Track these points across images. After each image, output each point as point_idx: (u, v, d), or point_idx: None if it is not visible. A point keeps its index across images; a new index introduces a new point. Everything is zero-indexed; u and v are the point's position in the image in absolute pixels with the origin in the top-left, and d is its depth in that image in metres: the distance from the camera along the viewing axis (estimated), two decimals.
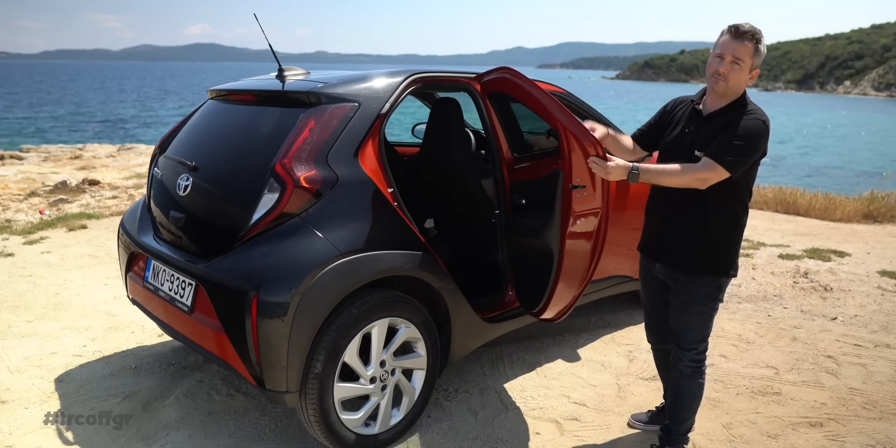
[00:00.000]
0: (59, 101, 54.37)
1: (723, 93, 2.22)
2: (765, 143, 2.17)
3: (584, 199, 2.64)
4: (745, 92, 2.25)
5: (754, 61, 2.17)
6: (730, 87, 2.20)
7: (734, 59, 2.15)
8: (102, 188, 9.25)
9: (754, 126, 2.14)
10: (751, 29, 2.14)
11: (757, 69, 2.21)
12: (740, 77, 2.17)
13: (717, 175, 2.13)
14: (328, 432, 2.40)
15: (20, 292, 4.46)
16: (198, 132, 3.00)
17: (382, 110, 2.60)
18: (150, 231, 2.94)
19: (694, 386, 2.46)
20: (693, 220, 2.29)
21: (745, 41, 2.13)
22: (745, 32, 2.14)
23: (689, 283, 2.33)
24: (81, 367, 3.34)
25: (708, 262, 2.30)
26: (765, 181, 14.33)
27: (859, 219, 8.02)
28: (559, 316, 2.92)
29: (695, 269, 2.31)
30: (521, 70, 2.84)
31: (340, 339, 2.33)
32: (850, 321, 4.13)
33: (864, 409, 2.99)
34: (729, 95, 2.23)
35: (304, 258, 2.27)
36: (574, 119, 2.49)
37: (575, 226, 2.66)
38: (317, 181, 2.35)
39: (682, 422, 2.52)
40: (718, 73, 2.18)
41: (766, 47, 2.20)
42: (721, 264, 2.30)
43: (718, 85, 2.20)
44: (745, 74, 2.17)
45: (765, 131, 2.15)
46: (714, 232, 2.28)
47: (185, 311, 2.48)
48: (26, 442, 2.64)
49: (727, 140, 2.13)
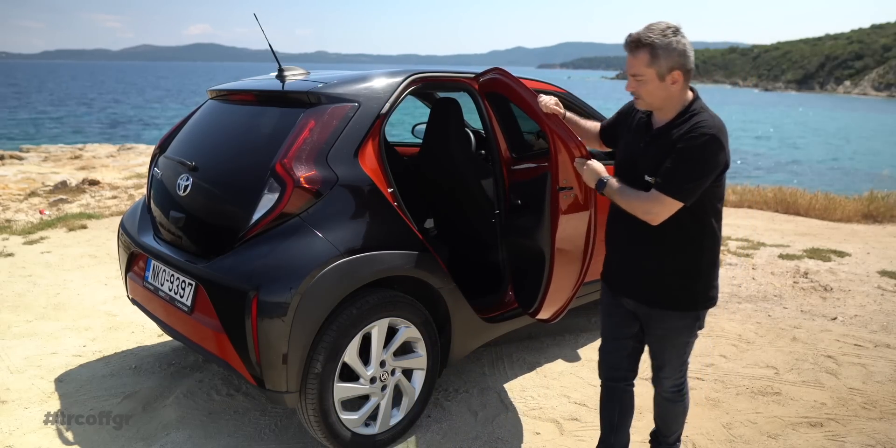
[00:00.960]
0: (59, 101, 54.37)
1: (646, 107, 2.04)
2: (718, 157, 1.90)
3: (571, 200, 2.65)
4: (694, 97, 2.00)
5: (658, 68, 1.90)
6: (652, 103, 1.99)
7: (633, 75, 1.95)
8: (102, 188, 9.25)
9: (700, 144, 1.88)
10: (637, 36, 1.90)
11: (676, 71, 1.90)
12: (652, 89, 1.94)
13: (668, 208, 1.92)
14: (328, 432, 2.40)
15: (20, 292, 4.46)
16: (198, 132, 3.00)
17: (382, 110, 2.60)
18: (150, 231, 2.94)
19: (680, 407, 2.35)
20: (653, 249, 2.06)
21: (635, 53, 1.91)
22: (632, 42, 1.91)
23: (662, 317, 2.12)
24: (81, 367, 3.34)
25: (678, 297, 2.07)
26: (765, 181, 14.35)
27: (859, 219, 8.02)
28: (555, 316, 2.93)
29: (666, 306, 2.09)
30: (521, 70, 2.86)
31: (340, 339, 2.33)
32: (850, 321, 4.13)
33: (864, 409, 2.99)
34: (668, 108, 1.99)
35: (304, 258, 2.27)
36: (560, 121, 2.51)
37: (563, 227, 2.67)
38: (317, 181, 2.35)
39: (672, 433, 2.45)
40: (632, 92, 2.00)
41: (675, 38, 1.88)
42: (692, 297, 2.07)
43: (637, 103, 2.04)
44: (655, 84, 1.92)
45: (716, 146, 1.88)
46: (678, 262, 2.05)
47: (185, 311, 2.48)
48: (26, 442, 2.64)
49: (674, 168, 1.90)
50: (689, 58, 1.92)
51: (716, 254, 2.09)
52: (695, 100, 2.00)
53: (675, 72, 1.91)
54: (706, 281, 2.08)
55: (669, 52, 1.88)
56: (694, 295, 2.07)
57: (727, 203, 8.89)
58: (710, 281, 2.10)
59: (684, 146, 1.90)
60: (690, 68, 1.94)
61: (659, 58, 1.89)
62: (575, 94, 3.61)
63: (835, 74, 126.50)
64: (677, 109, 1.98)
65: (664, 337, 2.17)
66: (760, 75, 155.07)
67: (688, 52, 1.91)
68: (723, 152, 1.91)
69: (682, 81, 1.94)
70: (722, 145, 1.90)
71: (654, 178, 1.96)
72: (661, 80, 1.92)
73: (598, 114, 3.67)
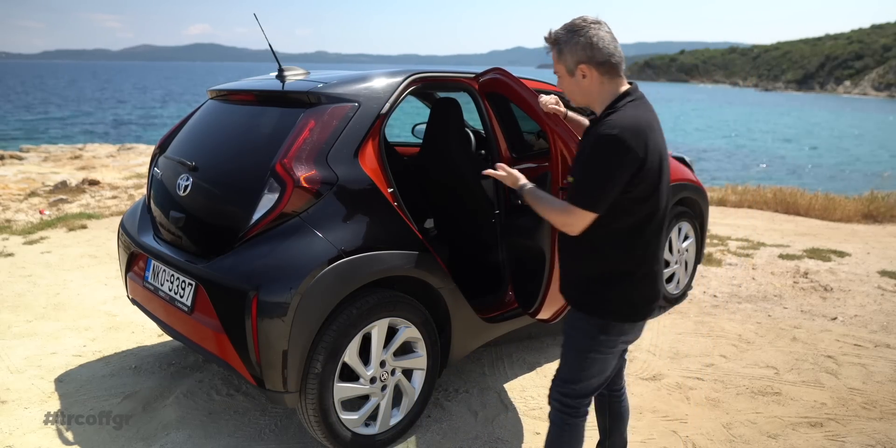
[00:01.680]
0: (59, 101, 54.38)
1: (581, 106, 2.00)
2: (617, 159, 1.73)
3: None
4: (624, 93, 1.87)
5: (565, 63, 1.86)
6: (575, 100, 1.95)
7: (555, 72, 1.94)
8: (102, 188, 9.26)
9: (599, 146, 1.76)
10: (548, 34, 1.90)
11: (582, 64, 1.83)
12: (568, 86, 1.91)
13: (581, 219, 1.80)
14: (328, 432, 2.40)
15: (20, 292, 4.47)
16: (198, 132, 3.00)
17: (382, 110, 2.60)
18: (150, 231, 2.94)
19: (554, 432, 2.08)
20: (564, 252, 2.04)
21: (551, 50, 1.91)
22: (546, 40, 1.91)
23: (571, 317, 2.05)
24: (81, 367, 3.34)
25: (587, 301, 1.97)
26: (764, 181, 14.35)
27: (859, 219, 8.02)
28: (555, 316, 2.93)
29: (573, 304, 2.02)
30: (521, 70, 2.86)
31: (340, 339, 2.33)
32: (850, 321, 4.13)
33: (864, 409, 2.99)
34: (596, 104, 1.91)
35: (304, 258, 2.27)
36: (560, 121, 2.51)
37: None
38: (317, 181, 2.35)
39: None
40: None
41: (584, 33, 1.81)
42: (600, 303, 1.93)
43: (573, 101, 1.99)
44: (567, 81, 1.89)
45: (613, 147, 1.73)
46: (581, 266, 1.97)
47: (185, 311, 2.48)
48: (26, 442, 2.64)
49: (578, 171, 1.82)
50: (601, 50, 1.81)
51: (636, 268, 1.91)
52: (623, 96, 1.86)
53: (582, 65, 1.83)
54: (620, 292, 1.92)
55: (573, 46, 1.82)
56: (602, 301, 1.93)
57: (727, 203, 8.88)
58: (626, 293, 1.92)
59: (586, 150, 1.82)
60: (604, 61, 1.82)
61: (564, 53, 1.85)
62: None
63: (835, 74, 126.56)
64: (604, 106, 1.88)
65: (567, 335, 2.04)
66: (760, 75, 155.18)
67: (597, 44, 1.80)
68: (624, 153, 1.73)
69: (593, 76, 1.84)
70: (622, 145, 1.72)
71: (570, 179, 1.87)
72: (571, 76, 1.87)
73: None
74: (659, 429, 2.79)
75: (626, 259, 1.90)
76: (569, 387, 2.03)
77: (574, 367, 2.02)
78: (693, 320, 4.11)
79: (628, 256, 1.90)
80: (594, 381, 2.02)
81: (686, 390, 3.14)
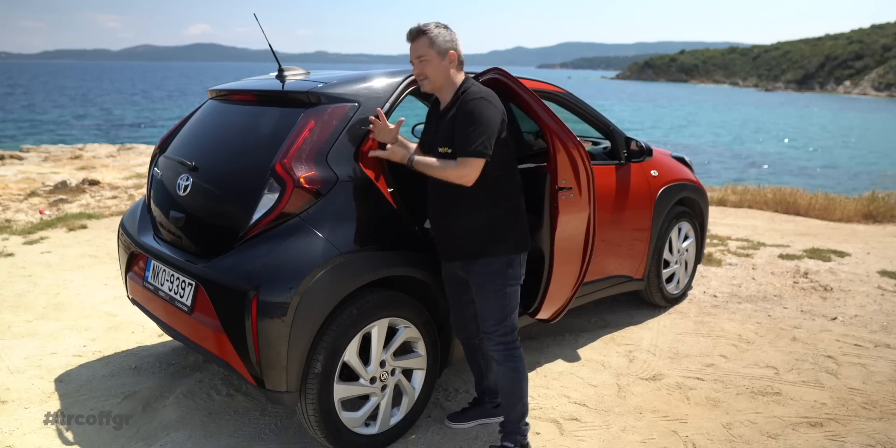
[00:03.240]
0: (59, 101, 54.38)
1: (433, 90, 2.36)
2: (496, 114, 2.26)
3: (570, 200, 2.67)
4: (466, 77, 2.37)
5: (437, 48, 2.27)
6: (435, 82, 2.32)
7: (418, 57, 2.29)
8: (102, 188, 9.26)
9: (473, 106, 2.23)
10: (416, 27, 2.29)
11: (452, 52, 2.30)
12: (435, 67, 2.29)
13: (475, 167, 2.21)
14: (328, 432, 2.40)
15: (20, 292, 4.47)
16: (198, 132, 3.00)
17: (382, 110, 2.60)
18: (150, 231, 2.94)
19: (507, 370, 2.45)
20: (459, 210, 2.36)
21: (417, 39, 2.28)
22: (412, 32, 2.30)
23: (477, 266, 2.38)
24: (81, 367, 3.34)
25: (486, 244, 2.35)
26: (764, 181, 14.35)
27: (859, 219, 8.02)
28: (555, 316, 2.94)
29: (475, 255, 2.37)
30: (521, 70, 2.86)
31: (340, 339, 2.33)
32: (850, 321, 4.13)
33: (864, 409, 2.99)
34: (447, 88, 2.35)
35: (304, 258, 2.27)
36: (559, 121, 2.52)
37: (563, 227, 2.67)
38: (317, 181, 2.35)
39: (511, 409, 2.50)
40: (417, 74, 2.34)
41: (445, 30, 2.29)
42: (499, 243, 2.35)
43: (424, 85, 2.35)
44: (436, 63, 2.29)
45: (485, 105, 2.24)
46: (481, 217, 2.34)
47: (185, 311, 2.48)
48: (26, 442, 2.64)
49: (461, 132, 2.23)
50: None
51: (515, 204, 2.40)
52: (465, 80, 2.37)
53: (452, 52, 2.31)
54: (507, 228, 2.37)
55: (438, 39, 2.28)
56: (503, 240, 2.36)
57: (727, 203, 8.90)
58: (512, 227, 2.38)
59: (463, 113, 2.24)
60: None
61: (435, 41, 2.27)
62: (575, 94, 3.61)
63: (835, 74, 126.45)
64: (454, 90, 2.35)
65: (481, 284, 2.40)
66: (760, 75, 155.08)
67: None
68: (493, 108, 2.26)
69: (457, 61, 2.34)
70: (490, 102, 2.26)
71: (445, 149, 2.29)
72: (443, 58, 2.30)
73: (598, 114, 3.67)
74: (659, 429, 2.79)
75: (509, 196, 2.38)
76: (502, 326, 2.42)
77: (499, 307, 2.40)
78: (693, 320, 4.11)
79: (510, 193, 2.39)
80: (515, 313, 2.45)
81: (686, 390, 3.14)
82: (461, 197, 2.32)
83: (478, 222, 2.35)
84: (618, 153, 3.70)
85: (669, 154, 4.37)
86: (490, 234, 2.35)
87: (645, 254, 3.92)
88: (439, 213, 2.44)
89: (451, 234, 2.41)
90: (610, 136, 3.72)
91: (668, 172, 4.09)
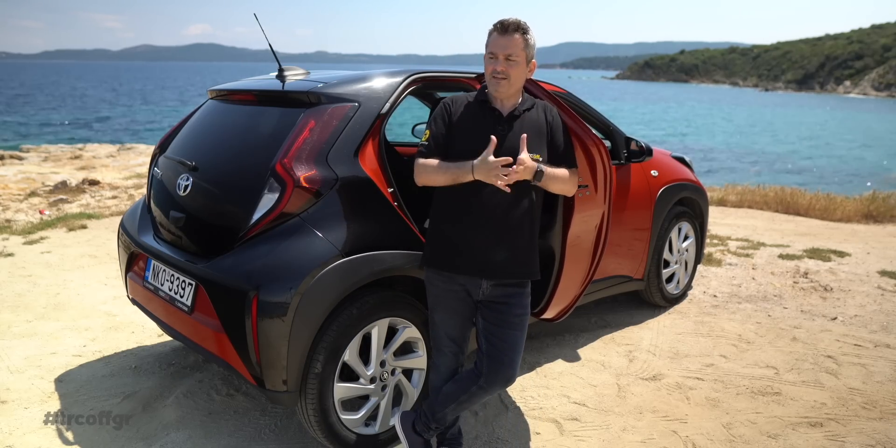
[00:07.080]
0: (59, 101, 54.37)
1: (504, 94, 2.16)
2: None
3: (586, 198, 2.63)
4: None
5: (527, 53, 2.12)
6: (514, 86, 2.15)
7: (507, 56, 2.09)
8: (102, 188, 9.26)
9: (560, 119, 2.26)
10: (515, 21, 2.09)
11: (534, 61, 2.18)
12: (520, 72, 2.14)
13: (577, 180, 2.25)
14: (328, 432, 2.40)
15: (20, 292, 4.47)
16: (198, 132, 3.00)
17: (382, 110, 2.60)
18: (150, 231, 2.94)
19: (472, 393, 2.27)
20: (525, 229, 2.19)
21: (513, 35, 2.07)
22: (510, 26, 2.08)
23: (521, 295, 2.23)
24: (81, 367, 3.34)
25: (533, 268, 2.24)
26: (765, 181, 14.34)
27: (859, 219, 8.02)
28: (560, 316, 2.92)
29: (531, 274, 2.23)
30: None
31: (340, 339, 2.33)
32: (850, 321, 4.13)
33: (864, 409, 2.99)
34: (516, 95, 2.21)
35: (304, 258, 2.27)
36: (577, 118, 2.49)
37: (577, 226, 2.65)
38: (317, 181, 2.35)
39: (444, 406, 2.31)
40: (497, 71, 2.11)
41: (534, 38, 2.14)
42: (537, 269, 2.26)
43: (501, 85, 2.12)
44: (522, 68, 2.13)
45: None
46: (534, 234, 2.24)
47: (185, 311, 2.48)
48: (26, 442, 2.64)
49: (567, 144, 2.23)
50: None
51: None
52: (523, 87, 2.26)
53: (534, 61, 2.19)
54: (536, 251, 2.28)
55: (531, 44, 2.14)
56: (536, 262, 2.27)
57: (727, 203, 8.90)
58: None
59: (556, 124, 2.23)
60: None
61: (529, 45, 2.13)
62: (575, 95, 3.61)
63: (835, 74, 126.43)
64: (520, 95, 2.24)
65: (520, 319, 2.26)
66: (760, 75, 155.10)
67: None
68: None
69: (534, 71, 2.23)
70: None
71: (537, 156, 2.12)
72: (526, 65, 2.16)
73: (598, 114, 3.67)
74: (659, 429, 2.79)
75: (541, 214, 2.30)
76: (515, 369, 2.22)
77: (521, 346, 2.24)
78: (693, 320, 4.11)
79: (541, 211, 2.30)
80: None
81: (686, 390, 3.14)
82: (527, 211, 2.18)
83: (534, 240, 2.23)
84: (618, 153, 3.70)
85: (669, 154, 4.37)
86: (535, 255, 2.25)
87: (645, 254, 3.92)
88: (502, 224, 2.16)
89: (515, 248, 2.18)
90: (610, 136, 3.72)
91: (668, 172, 4.09)
